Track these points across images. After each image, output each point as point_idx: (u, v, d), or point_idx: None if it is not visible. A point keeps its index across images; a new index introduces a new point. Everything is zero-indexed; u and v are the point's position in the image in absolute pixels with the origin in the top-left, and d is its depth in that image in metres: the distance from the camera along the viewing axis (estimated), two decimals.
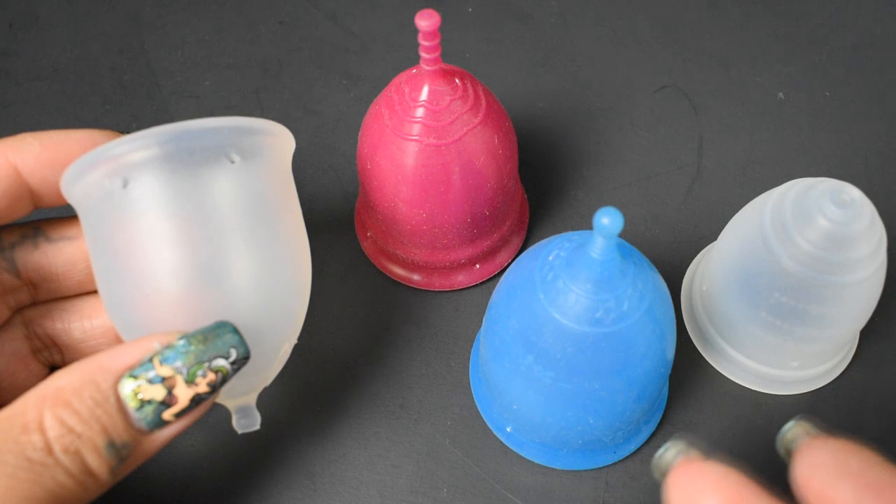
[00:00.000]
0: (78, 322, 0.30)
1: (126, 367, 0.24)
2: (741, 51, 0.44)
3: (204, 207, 0.26)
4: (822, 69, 0.44)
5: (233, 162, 0.26)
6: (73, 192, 0.27)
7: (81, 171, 0.26)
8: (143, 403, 0.24)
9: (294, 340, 0.29)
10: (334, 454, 0.33)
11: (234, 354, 0.25)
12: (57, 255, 0.29)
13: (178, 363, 0.24)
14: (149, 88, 0.43)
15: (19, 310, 0.30)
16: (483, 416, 0.34)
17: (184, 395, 0.25)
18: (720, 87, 0.43)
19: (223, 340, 0.25)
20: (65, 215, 0.30)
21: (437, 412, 0.34)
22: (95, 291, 0.29)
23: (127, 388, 0.24)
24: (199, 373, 0.25)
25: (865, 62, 0.44)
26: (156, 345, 0.25)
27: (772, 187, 0.32)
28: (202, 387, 0.25)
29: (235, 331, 0.25)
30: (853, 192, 0.29)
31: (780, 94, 0.43)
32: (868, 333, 0.35)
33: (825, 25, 0.45)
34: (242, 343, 0.25)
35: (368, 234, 0.37)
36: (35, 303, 0.30)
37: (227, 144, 0.26)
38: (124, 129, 0.42)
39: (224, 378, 0.25)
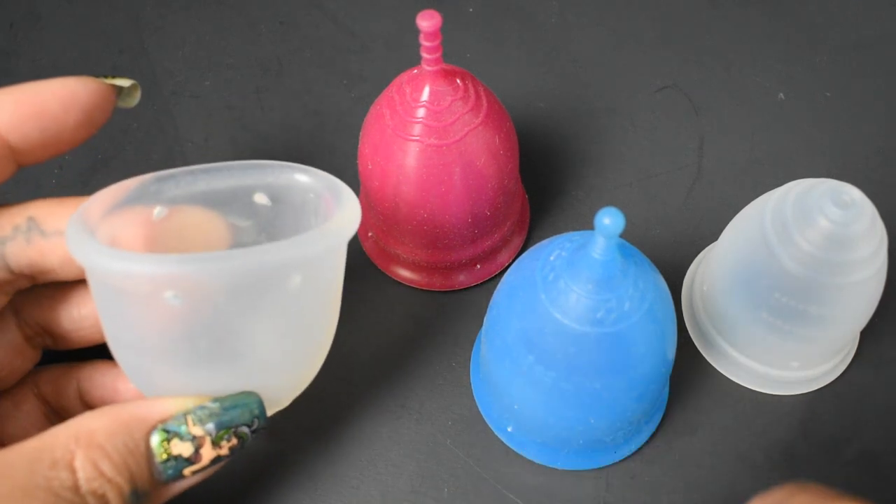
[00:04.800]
0: (66, 311, 0.30)
1: (159, 419, 0.25)
2: (741, 51, 0.44)
3: (252, 319, 0.25)
4: (822, 69, 0.44)
5: (294, 278, 0.25)
6: (92, 267, 0.25)
7: (118, 270, 0.23)
8: (170, 458, 0.25)
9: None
10: (335, 454, 0.33)
11: (256, 423, 0.26)
12: (52, 252, 0.27)
13: (210, 426, 0.25)
14: (149, 88, 0.43)
15: (17, 293, 0.30)
16: (484, 416, 0.34)
17: (207, 455, 0.25)
18: (720, 87, 0.43)
19: (249, 410, 0.26)
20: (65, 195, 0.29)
21: (438, 412, 0.34)
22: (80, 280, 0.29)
23: (156, 440, 0.25)
24: (226, 437, 0.26)
25: (865, 62, 0.44)
26: (189, 404, 0.25)
27: (772, 187, 0.32)
28: (224, 450, 0.26)
29: (261, 403, 0.26)
30: (854, 193, 0.29)
31: (781, 94, 0.43)
32: (868, 334, 0.35)
33: (825, 25, 0.45)
34: (264, 414, 0.26)
35: (369, 234, 0.37)
36: (34, 286, 0.30)
37: (296, 267, 0.25)
38: (124, 128, 0.42)
39: (243, 444, 0.26)
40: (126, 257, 0.23)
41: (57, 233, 0.28)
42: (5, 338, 0.29)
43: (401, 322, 0.36)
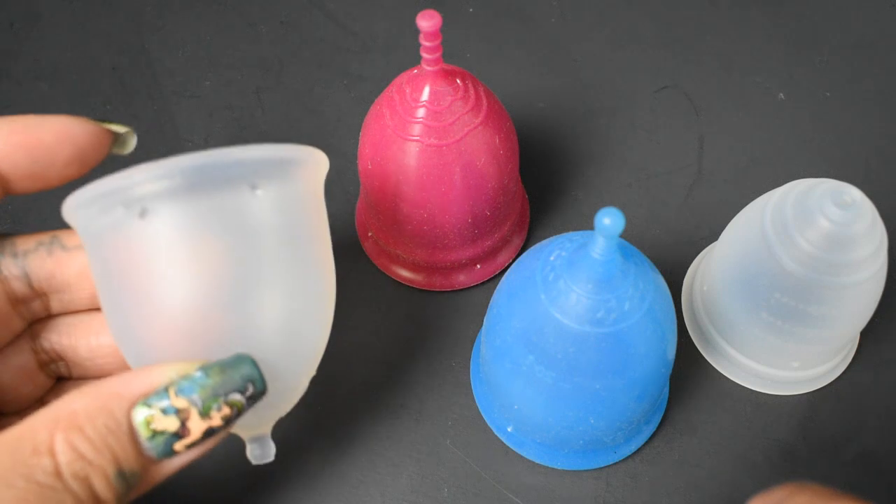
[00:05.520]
0: (85, 339, 0.30)
1: (141, 394, 0.24)
2: (741, 51, 0.44)
3: (227, 240, 0.25)
4: (822, 69, 0.44)
5: (257, 191, 0.25)
6: (79, 216, 0.26)
7: (93, 198, 0.25)
8: (155, 433, 0.24)
9: (313, 373, 0.28)
10: (335, 453, 0.33)
11: (251, 389, 0.24)
12: (71, 263, 0.28)
13: (195, 395, 0.24)
14: (149, 88, 0.43)
15: (33, 322, 0.29)
16: (484, 416, 0.34)
17: (197, 427, 0.24)
18: (720, 87, 0.43)
19: (241, 374, 0.24)
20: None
21: (438, 412, 0.34)
22: None
23: (140, 416, 0.24)
24: (215, 406, 0.24)
25: (865, 62, 0.44)
26: (173, 374, 0.24)
27: (772, 188, 0.32)
28: (216, 420, 0.24)
29: (255, 364, 0.25)
30: (854, 193, 0.29)
31: (781, 95, 0.43)
32: (869, 334, 0.35)
33: (825, 25, 0.45)
34: (261, 378, 0.25)
35: (370, 235, 0.37)
36: (49, 315, 0.30)
37: (252, 174, 0.25)
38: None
39: (239, 412, 0.24)
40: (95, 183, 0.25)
41: (77, 247, 0.28)
42: (18, 362, 0.29)
43: (401, 322, 0.36)
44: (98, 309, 0.30)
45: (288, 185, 0.26)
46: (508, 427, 0.33)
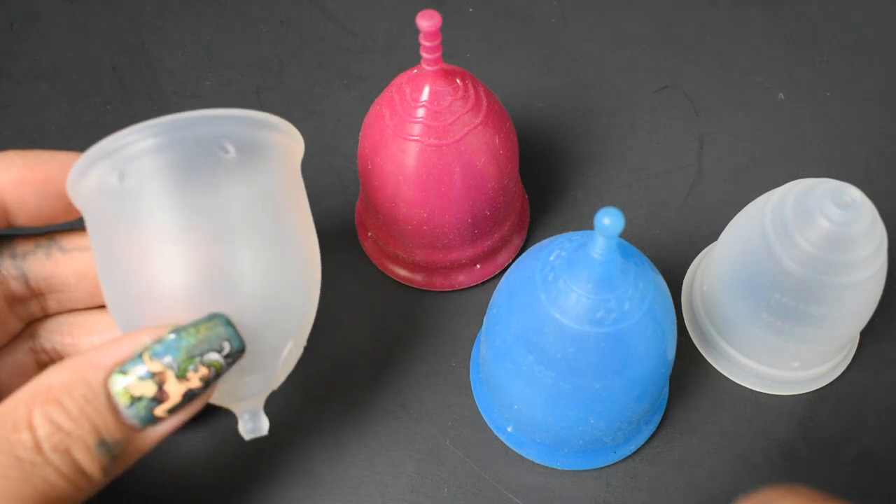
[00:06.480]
0: (87, 337, 0.30)
1: (116, 362, 0.24)
2: (741, 51, 0.44)
3: (202, 201, 0.25)
4: (822, 69, 0.44)
5: (227, 153, 0.25)
6: (79, 193, 0.26)
7: (83, 170, 0.25)
8: (134, 400, 0.24)
9: (302, 342, 0.28)
10: (335, 453, 0.33)
11: (227, 348, 0.24)
12: (69, 265, 0.29)
13: (169, 358, 0.24)
14: (149, 88, 0.43)
15: (30, 323, 0.29)
16: (484, 416, 0.34)
17: (175, 390, 0.24)
18: (720, 87, 0.43)
19: (216, 333, 0.24)
20: (79, 228, 0.29)
21: (438, 412, 0.34)
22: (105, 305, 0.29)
23: (117, 384, 0.24)
24: (191, 367, 0.24)
25: (865, 62, 0.44)
26: (146, 339, 0.24)
27: (772, 188, 0.32)
28: (194, 382, 0.24)
29: (229, 323, 0.24)
30: (854, 193, 0.29)
31: (780, 95, 0.43)
32: (869, 334, 0.35)
33: (825, 25, 0.45)
34: (236, 336, 0.25)
35: (369, 235, 0.37)
36: (46, 315, 0.30)
37: (221, 135, 0.25)
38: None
39: (217, 373, 0.24)
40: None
41: (75, 248, 0.28)
42: (15, 362, 0.29)
43: (401, 322, 0.36)
44: (99, 307, 0.30)
45: (260, 151, 0.26)
46: (508, 427, 0.33)
